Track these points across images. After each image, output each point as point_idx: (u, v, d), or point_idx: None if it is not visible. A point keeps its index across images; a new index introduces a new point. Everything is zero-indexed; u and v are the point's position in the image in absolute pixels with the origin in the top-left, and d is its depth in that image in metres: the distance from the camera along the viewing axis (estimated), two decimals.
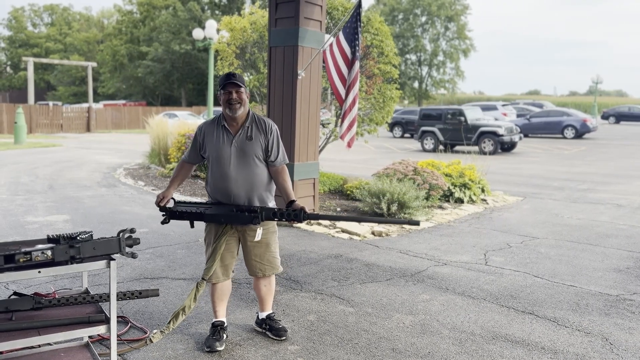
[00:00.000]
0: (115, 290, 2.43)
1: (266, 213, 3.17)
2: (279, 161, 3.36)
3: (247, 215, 3.13)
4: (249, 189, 3.26)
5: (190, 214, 3.21)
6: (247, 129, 3.27)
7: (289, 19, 6.76)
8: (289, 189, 3.36)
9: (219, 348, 3.35)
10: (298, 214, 3.15)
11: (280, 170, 3.37)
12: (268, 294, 3.59)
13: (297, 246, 5.95)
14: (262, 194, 3.31)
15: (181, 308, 3.20)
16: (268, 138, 3.29)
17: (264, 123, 3.32)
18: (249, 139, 3.25)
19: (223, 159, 3.25)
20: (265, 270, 3.45)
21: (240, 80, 3.19)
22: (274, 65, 7.02)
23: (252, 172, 3.26)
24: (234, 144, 3.25)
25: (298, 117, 6.83)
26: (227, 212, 3.17)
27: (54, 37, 56.09)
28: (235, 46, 9.74)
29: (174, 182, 3.45)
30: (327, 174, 9.67)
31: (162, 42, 45.54)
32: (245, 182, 3.24)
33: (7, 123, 26.27)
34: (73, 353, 2.78)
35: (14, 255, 2.25)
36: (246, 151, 3.24)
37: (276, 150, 3.33)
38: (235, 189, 3.24)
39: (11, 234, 6.24)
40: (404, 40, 56.42)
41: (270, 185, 3.39)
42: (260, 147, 3.27)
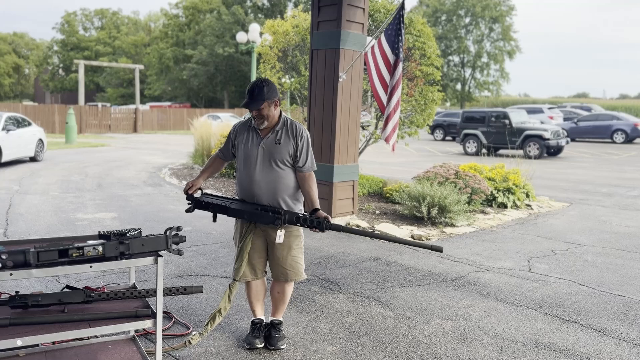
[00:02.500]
0: (162, 286, 2.51)
1: (289, 216, 3.16)
2: (307, 168, 3.31)
3: (271, 215, 3.13)
4: (272, 193, 3.24)
5: (215, 206, 3.23)
6: (276, 133, 3.25)
7: (331, 21, 6.80)
8: (314, 197, 3.32)
9: (258, 345, 3.40)
10: (321, 222, 3.13)
11: (307, 177, 3.32)
12: (280, 301, 3.52)
13: (336, 248, 5.97)
14: (286, 199, 3.27)
15: (217, 310, 3.27)
16: (298, 143, 3.26)
17: (295, 128, 3.28)
18: (277, 142, 3.24)
19: (250, 160, 3.28)
20: (287, 274, 3.38)
21: (259, 97, 3.13)
22: (316, 68, 7.07)
23: (277, 175, 3.24)
24: (262, 146, 3.25)
25: (338, 120, 6.86)
26: (252, 209, 3.19)
27: (103, 40, 58.10)
28: (277, 49, 9.86)
29: (204, 173, 3.49)
30: (367, 177, 9.66)
31: (207, 46, 46.47)
32: (269, 185, 3.24)
33: (58, 123, 27.39)
34: (120, 346, 2.89)
35: (68, 250, 2.37)
36: (273, 154, 3.23)
37: (305, 157, 3.29)
38: (258, 190, 3.24)
39: (62, 230, 6.51)
40: (447, 41, 55.64)
41: (296, 191, 3.34)
42: (288, 152, 3.25)
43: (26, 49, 60.54)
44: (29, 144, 13.81)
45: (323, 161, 6.98)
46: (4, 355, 2.70)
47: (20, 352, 2.74)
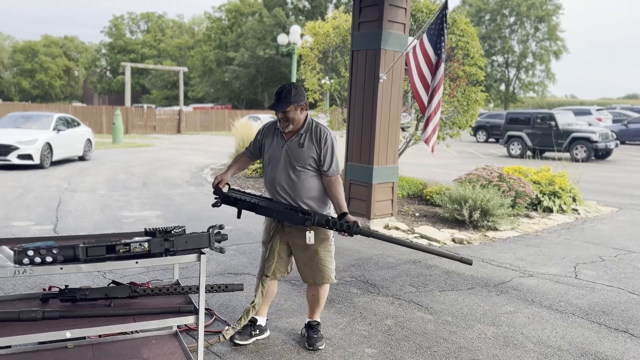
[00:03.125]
0: (204, 283, 2.55)
1: (319, 218, 3.13)
2: (332, 172, 3.27)
3: (301, 216, 3.10)
4: (292, 195, 3.23)
5: (243, 202, 3.19)
6: (300, 136, 3.24)
7: (373, 22, 6.77)
8: (341, 201, 3.28)
9: (237, 341, 3.39)
10: (350, 226, 3.12)
11: (334, 181, 3.29)
12: (315, 303, 3.51)
13: (375, 250, 5.93)
14: (308, 202, 3.24)
15: (251, 305, 3.29)
16: (321, 148, 3.23)
17: (319, 132, 3.25)
18: (300, 146, 3.22)
19: (273, 162, 3.28)
20: (315, 277, 3.36)
21: (286, 99, 3.13)
22: (356, 69, 7.05)
23: (297, 178, 3.22)
24: (285, 149, 3.24)
25: (378, 121, 6.82)
26: (281, 208, 3.16)
27: (149, 43, 59.73)
28: (318, 50, 9.90)
29: (231, 168, 3.46)
30: (407, 178, 9.56)
31: (248, 48, 47.12)
32: (289, 187, 3.23)
33: (106, 124, 28.31)
34: (163, 341, 2.96)
35: (115, 246, 2.44)
36: (296, 157, 3.22)
37: (329, 161, 3.26)
38: (281, 191, 3.24)
39: (109, 227, 6.72)
40: (491, 41, 54.52)
41: (320, 195, 3.30)
42: (311, 156, 3.22)
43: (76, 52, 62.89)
44: (78, 143, 14.33)
45: (362, 162, 6.96)
46: (54, 347, 2.81)
47: (68, 344, 2.84)
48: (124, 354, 2.76)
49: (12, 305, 2.67)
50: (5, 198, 8.41)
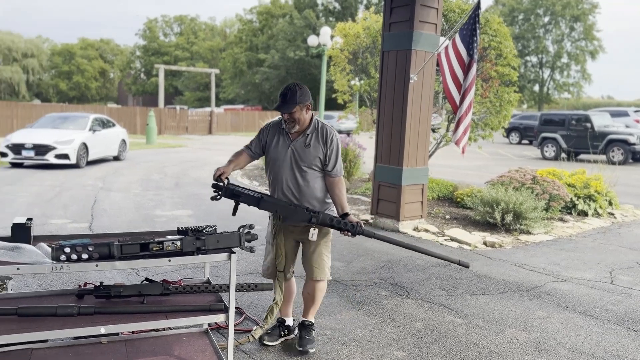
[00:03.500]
0: (235, 281, 2.58)
1: (323, 217, 3.12)
2: (336, 172, 3.28)
3: (306, 213, 3.10)
4: (298, 195, 3.23)
5: (247, 196, 3.11)
6: (307, 136, 3.23)
7: (404, 22, 6.73)
8: (344, 201, 3.28)
9: (266, 342, 3.41)
10: (354, 226, 3.13)
11: (337, 182, 3.29)
12: (310, 301, 3.46)
13: (404, 252, 5.89)
14: (312, 202, 3.25)
15: (274, 303, 3.27)
16: (327, 148, 3.23)
17: (325, 132, 3.25)
18: (307, 145, 3.22)
19: (278, 162, 3.26)
20: (313, 272, 3.35)
21: (291, 100, 3.12)
22: (386, 70, 7.02)
23: (303, 178, 3.22)
24: (291, 148, 3.23)
25: (408, 122, 6.77)
26: (286, 205, 3.14)
27: (182, 45, 60.74)
28: (348, 51, 9.90)
29: (232, 163, 3.32)
30: (437, 180, 9.46)
31: (279, 50, 47.43)
32: (295, 187, 3.23)
33: (140, 125, 28.91)
34: (194, 339, 3.00)
35: (149, 244, 2.49)
36: (302, 157, 3.21)
37: (334, 161, 3.26)
38: (286, 191, 3.23)
39: (142, 226, 6.86)
40: (524, 41, 53.46)
41: (323, 195, 3.31)
42: (317, 156, 3.22)
43: (111, 54, 64.41)
44: (112, 144, 14.67)
45: (392, 164, 6.92)
46: (88, 342, 2.89)
47: (102, 339, 2.91)
48: (156, 351, 2.81)
49: (49, 301, 2.75)
50: (43, 196, 8.68)
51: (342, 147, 10.72)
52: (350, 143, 10.98)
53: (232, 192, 3.11)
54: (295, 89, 3.15)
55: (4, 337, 2.34)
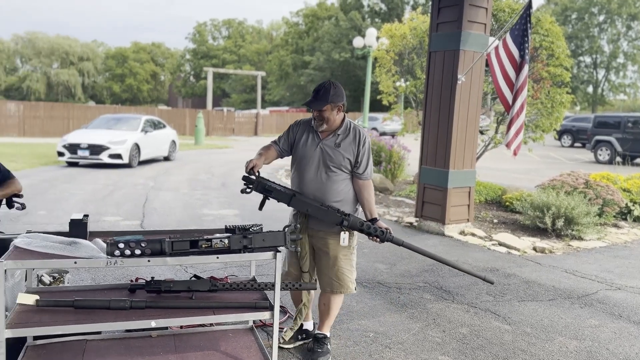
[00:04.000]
0: (280, 280, 2.62)
1: (353, 221, 3.02)
2: (367, 174, 3.18)
3: (338, 215, 3.00)
4: (320, 196, 3.11)
5: (279, 192, 3.02)
6: (337, 136, 3.14)
7: (452, 22, 6.63)
8: (372, 206, 3.19)
9: (282, 346, 3.33)
10: (384, 232, 3.05)
11: (367, 185, 3.19)
12: (325, 314, 3.31)
13: (449, 256, 5.80)
14: (334, 206, 3.10)
15: (302, 305, 3.24)
16: (359, 149, 3.14)
17: (358, 133, 3.16)
18: (337, 146, 3.13)
19: (305, 160, 3.17)
20: (332, 286, 3.20)
21: (323, 98, 3.05)
22: (433, 70, 6.94)
23: (329, 179, 3.12)
24: (320, 147, 3.14)
25: (456, 123, 6.66)
26: (317, 205, 3.03)
27: (229, 49, 61.87)
28: (393, 52, 9.84)
29: (262, 156, 3.21)
30: (484, 183, 9.27)
31: (324, 52, 47.60)
32: (318, 187, 3.12)
33: (189, 126, 29.65)
34: (239, 335, 3.06)
35: (198, 241, 2.56)
36: (331, 158, 3.12)
37: (365, 163, 3.16)
38: (308, 191, 3.14)
39: (190, 224, 7.04)
40: (577, 41, 51.59)
41: (345, 198, 3.17)
42: (346, 157, 3.12)
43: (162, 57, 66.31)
44: (163, 144, 15.11)
45: (438, 166, 6.82)
46: (139, 335, 2.99)
47: (153, 333, 3.01)
48: (203, 346, 2.88)
49: (102, 294, 2.87)
50: (97, 195, 9.04)
51: (387, 149, 10.66)
52: (395, 145, 10.91)
53: (264, 186, 3.03)
54: (330, 87, 3.08)
55: (62, 327, 2.46)
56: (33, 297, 2.59)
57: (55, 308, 2.60)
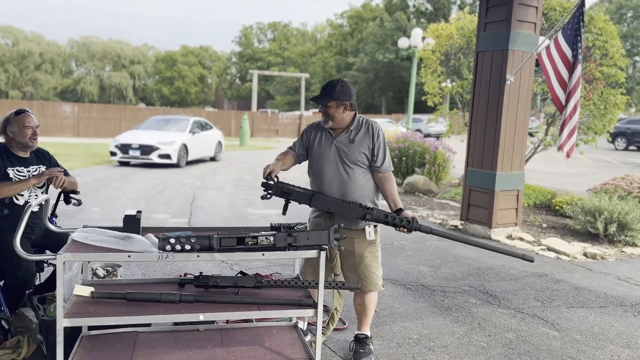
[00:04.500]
0: (324, 278, 2.64)
1: (377, 213, 2.98)
2: (385, 167, 3.17)
3: (360, 209, 2.98)
4: (343, 193, 3.11)
5: (299, 194, 3.03)
6: (350, 132, 3.14)
7: (500, 22, 6.50)
8: (396, 197, 3.17)
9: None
10: (410, 222, 3.00)
11: (387, 177, 3.18)
12: (362, 313, 3.30)
13: (495, 260, 5.68)
14: (360, 201, 3.11)
15: (334, 309, 3.25)
16: (374, 142, 3.13)
17: (370, 126, 3.15)
18: (351, 142, 3.12)
19: (321, 160, 3.18)
20: (361, 284, 3.19)
21: (329, 94, 3.05)
22: (480, 71, 6.82)
23: (347, 176, 3.12)
24: (334, 145, 3.15)
25: (504, 124, 6.52)
26: (338, 201, 3.04)
27: (274, 51, 62.61)
28: (439, 53, 9.73)
29: (279, 161, 3.24)
30: (533, 187, 9.03)
31: (368, 53, 47.48)
32: (340, 185, 3.13)
33: (234, 127, 30.20)
34: (283, 332, 3.10)
35: (245, 238, 2.62)
36: (346, 154, 3.12)
37: (382, 156, 3.15)
38: (329, 191, 3.14)
39: (236, 222, 7.18)
40: (633, 40, 49.40)
41: (367, 193, 3.17)
42: (362, 152, 3.12)
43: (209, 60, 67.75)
44: (209, 145, 15.46)
45: (485, 168, 6.70)
46: (187, 329, 3.08)
47: (200, 327, 3.09)
48: (248, 341, 2.94)
49: (153, 288, 2.97)
50: (147, 193, 9.34)
51: (431, 151, 10.54)
52: (440, 146, 10.77)
53: (282, 190, 3.03)
54: (337, 84, 3.08)
55: (115, 318, 2.56)
56: (89, 289, 2.72)
57: (109, 300, 2.71)
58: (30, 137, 3.36)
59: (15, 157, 3.38)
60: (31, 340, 3.11)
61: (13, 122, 3.33)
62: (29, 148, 3.40)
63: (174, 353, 2.75)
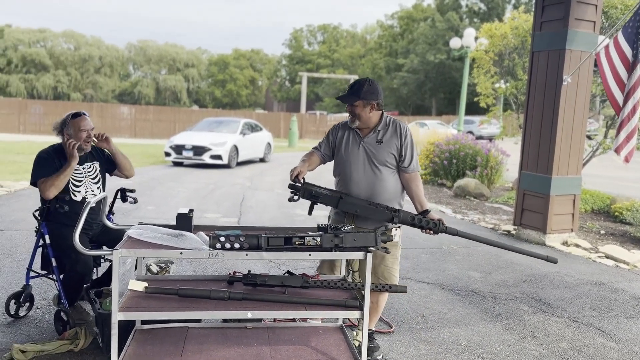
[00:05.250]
0: (370, 280, 2.63)
1: (404, 216, 2.95)
2: (412, 167, 3.15)
3: (387, 212, 2.94)
4: (371, 194, 3.10)
5: (326, 197, 3.02)
6: (378, 132, 3.11)
7: (557, 21, 6.28)
8: (422, 198, 3.14)
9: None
10: (437, 224, 2.95)
11: (414, 177, 3.16)
12: (373, 311, 3.27)
13: (550, 267, 5.48)
14: (387, 202, 3.10)
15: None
16: (402, 142, 3.10)
17: (398, 126, 3.13)
18: (379, 142, 3.11)
19: (349, 161, 3.16)
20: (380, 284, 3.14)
21: (356, 93, 3.04)
22: (536, 71, 6.61)
23: (376, 177, 3.11)
24: (362, 146, 3.13)
25: (560, 127, 6.29)
26: (365, 204, 3.00)
27: (324, 53, 62.88)
28: (493, 53, 9.50)
29: (305, 162, 3.23)
30: (590, 191, 8.66)
31: (418, 54, 46.92)
32: (368, 186, 3.11)
33: (283, 129, 30.55)
34: (329, 333, 3.11)
35: (292, 238, 2.64)
36: (375, 154, 3.10)
37: (410, 155, 3.13)
38: (357, 191, 3.12)
39: (283, 223, 7.26)
40: None
41: (395, 194, 3.17)
42: (390, 152, 3.10)
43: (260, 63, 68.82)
44: (259, 146, 15.70)
45: (539, 172, 6.49)
46: (235, 325, 3.14)
47: (248, 324, 3.15)
48: (294, 340, 2.97)
49: (203, 285, 3.04)
50: (199, 193, 9.58)
51: (483, 153, 10.30)
52: (492, 149, 10.51)
53: (310, 193, 3.03)
54: (365, 83, 3.06)
55: (167, 313, 2.64)
56: (142, 284, 2.81)
57: (161, 295, 2.80)
58: (84, 139, 3.49)
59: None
60: (88, 332, 3.26)
61: (70, 124, 3.48)
62: (83, 150, 3.54)
63: (223, 349, 2.81)
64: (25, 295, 3.60)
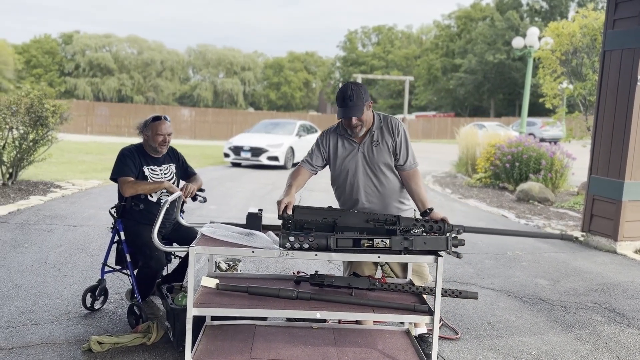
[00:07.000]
0: (441, 284, 2.59)
1: (405, 223, 2.80)
2: (410, 164, 3.05)
3: (387, 229, 2.71)
4: (381, 200, 3.06)
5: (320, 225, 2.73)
6: (372, 134, 3.03)
7: (632, 18, 5.98)
8: (424, 196, 3.03)
9: None
10: (442, 227, 2.76)
11: (412, 175, 3.06)
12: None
13: (623, 275, 5.22)
14: (396, 205, 3.08)
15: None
16: (396, 139, 3.02)
17: (390, 123, 3.03)
18: (375, 144, 3.03)
19: (351, 171, 3.08)
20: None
21: (359, 102, 2.89)
22: (607, 71, 6.31)
23: (380, 180, 3.05)
24: (360, 153, 3.05)
25: (634, 129, 5.98)
26: (362, 223, 2.73)
27: (378, 55, 62.56)
28: (560, 52, 9.15)
29: (292, 187, 3.03)
30: None
31: (476, 54, 45.87)
32: (375, 193, 3.06)
33: None
34: (396, 337, 3.08)
35: (360, 240, 2.64)
36: (375, 158, 3.03)
37: (405, 153, 3.03)
38: (366, 201, 3.07)
39: None
40: None
41: (403, 192, 3.14)
42: (387, 152, 3.03)
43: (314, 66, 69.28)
44: None
45: (611, 176, 6.19)
46: (301, 325, 3.17)
47: (313, 325, 3.17)
48: (360, 342, 2.96)
49: (271, 283, 3.09)
50: (257, 193, 9.75)
51: (547, 156, 9.94)
52: (558, 152, 10.12)
53: (302, 227, 2.74)
54: (358, 89, 2.92)
55: (238, 310, 2.70)
56: (214, 281, 2.89)
57: (232, 292, 2.86)
58: (160, 143, 3.63)
59: (149, 157, 3.69)
60: (160, 326, 3.38)
61: (149, 127, 3.63)
62: (159, 153, 3.68)
63: (290, 348, 2.84)
64: (100, 289, 3.77)
